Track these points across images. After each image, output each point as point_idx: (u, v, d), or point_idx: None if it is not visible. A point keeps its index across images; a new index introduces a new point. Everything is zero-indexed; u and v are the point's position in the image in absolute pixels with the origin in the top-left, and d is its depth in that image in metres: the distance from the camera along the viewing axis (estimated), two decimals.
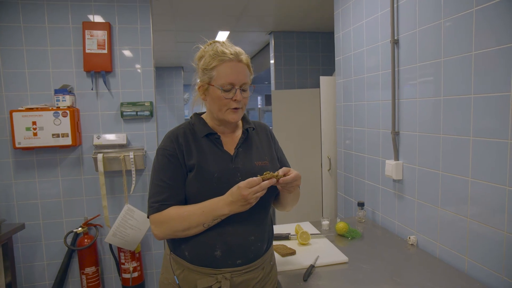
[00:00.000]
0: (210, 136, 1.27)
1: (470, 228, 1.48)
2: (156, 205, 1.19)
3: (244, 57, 1.25)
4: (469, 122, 1.45)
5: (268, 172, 1.17)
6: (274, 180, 1.14)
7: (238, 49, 1.25)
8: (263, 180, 1.13)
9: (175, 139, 1.25)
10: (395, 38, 1.92)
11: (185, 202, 1.23)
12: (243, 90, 1.24)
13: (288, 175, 1.18)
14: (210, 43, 1.28)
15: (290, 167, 1.43)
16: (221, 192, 1.19)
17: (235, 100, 1.21)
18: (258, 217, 1.28)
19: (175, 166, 1.22)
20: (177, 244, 1.25)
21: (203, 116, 1.35)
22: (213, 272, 1.20)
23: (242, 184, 1.11)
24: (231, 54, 1.21)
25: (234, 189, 1.13)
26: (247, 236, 1.23)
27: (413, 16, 1.77)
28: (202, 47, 1.29)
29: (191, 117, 1.36)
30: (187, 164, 1.22)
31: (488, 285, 1.39)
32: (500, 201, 1.33)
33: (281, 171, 1.19)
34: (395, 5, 1.91)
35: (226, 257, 1.20)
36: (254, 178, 1.11)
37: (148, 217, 1.22)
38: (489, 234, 1.39)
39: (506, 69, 1.27)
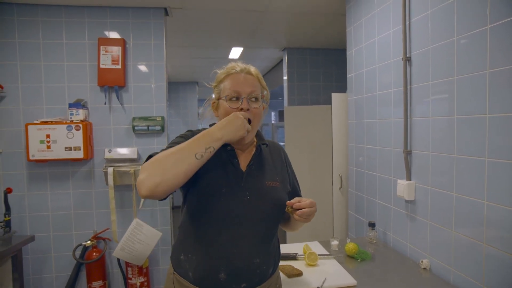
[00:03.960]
0: (225, 147, 1.21)
1: (486, 254, 1.41)
2: (151, 155, 1.08)
3: (253, 69, 1.25)
4: (484, 143, 1.40)
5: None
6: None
7: (250, 65, 1.26)
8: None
9: (192, 134, 1.19)
10: (407, 55, 1.89)
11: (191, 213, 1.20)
12: (252, 101, 1.21)
13: (301, 206, 1.14)
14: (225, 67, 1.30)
15: (300, 193, 1.41)
16: (228, 210, 1.16)
17: (241, 109, 1.19)
18: (264, 240, 1.23)
19: None
20: (181, 264, 1.22)
21: None
22: None
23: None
24: (239, 67, 1.23)
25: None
26: (252, 259, 1.18)
27: (426, 33, 1.74)
28: (219, 71, 1.30)
29: (209, 126, 1.32)
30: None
31: None
32: None
33: (293, 201, 1.16)
34: (407, 23, 1.89)
35: (230, 280, 1.16)
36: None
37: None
38: (508, 261, 1.31)
39: None
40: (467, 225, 1.51)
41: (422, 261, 1.76)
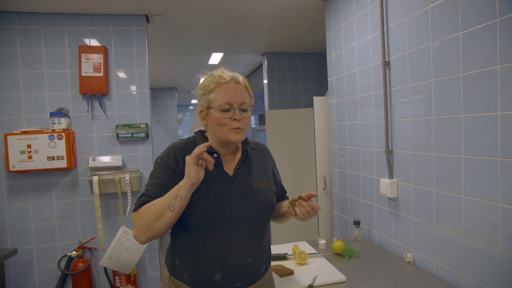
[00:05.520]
0: (211, 154, 1.26)
1: (465, 245, 1.50)
2: (138, 203, 1.19)
3: (242, 79, 1.29)
4: (461, 141, 1.50)
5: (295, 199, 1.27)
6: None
7: (236, 74, 1.29)
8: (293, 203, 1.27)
9: (173, 155, 1.25)
10: (386, 59, 1.98)
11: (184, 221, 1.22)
12: (243, 110, 1.25)
13: (312, 204, 1.25)
14: (210, 74, 1.31)
15: (286, 191, 1.49)
16: (219, 213, 1.20)
17: (234, 119, 1.22)
18: (256, 239, 1.28)
19: (168, 177, 1.21)
20: (176, 267, 1.24)
21: (206, 134, 1.35)
22: None
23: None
24: (228, 76, 1.25)
25: None
26: (246, 259, 1.22)
27: (403, 38, 1.84)
28: (203, 78, 1.32)
29: (195, 133, 1.36)
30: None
31: None
32: (493, 218, 1.36)
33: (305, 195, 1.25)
34: (385, 28, 1.98)
35: (226, 281, 1.19)
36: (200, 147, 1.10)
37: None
38: (484, 250, 1.41)
39: (493, 90, 1.33)
40: (447, 219, 1.60)
41: (406, 255, 1.85)
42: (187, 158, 1.10)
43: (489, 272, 1.39)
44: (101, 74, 2.78)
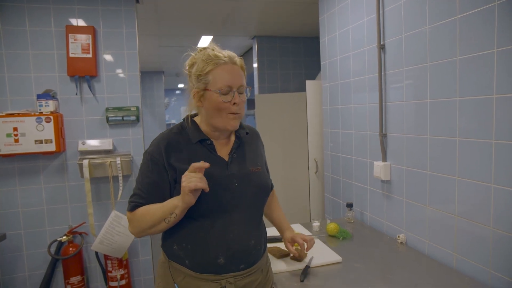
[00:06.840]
0: (203, 142, 1.25)
1: (458, 225, 1.55)
2: (132, 204, 1.23)
3: (238, 59, 1.23)
4: (455, 124, 1.52)
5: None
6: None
7: (230, 52, 1.24)
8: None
9: (164, 148, 1.21)
10: (382, 43, 1.98)
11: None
12: (240, 93, 1.22)
13: (305, 242, 1.50)
14: (201, 50, 1.24)
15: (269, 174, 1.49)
16: (218, 199, 1.19)
17: (234, 103, 1.19)
18: (255, 221, 1.29)
19: (157, 175, 1.20)
20: (175, 253, 1.23)
21: (196, 119, 1.31)
22: (217, 278, 1.20)
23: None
24: (225, 57, 1.19)
25: None
26: (247, 241, 1.24)
27: (399, 22, 1.84)
28: (193, 54, 1.25)
29: (184, 119, 1.31)
30: (179, 169, 1.18)
31: (476, 279, 1.45)
32: (485, 198, 1.40)
33: (300, 245, 1.51)
34: (381, 11, 1.98)
35: (229, 263, 1.20)
36: (195, 164, 1.09)
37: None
38: (476, 230, 1.45)
39: (489, 74, 1.35)
40: (440, 200, 1.64)
41: (398, 236, 1.90)
42: (186, 184, 1.07)
43: (480, 251, 1.44)
44: (90, 55, 2.70)
